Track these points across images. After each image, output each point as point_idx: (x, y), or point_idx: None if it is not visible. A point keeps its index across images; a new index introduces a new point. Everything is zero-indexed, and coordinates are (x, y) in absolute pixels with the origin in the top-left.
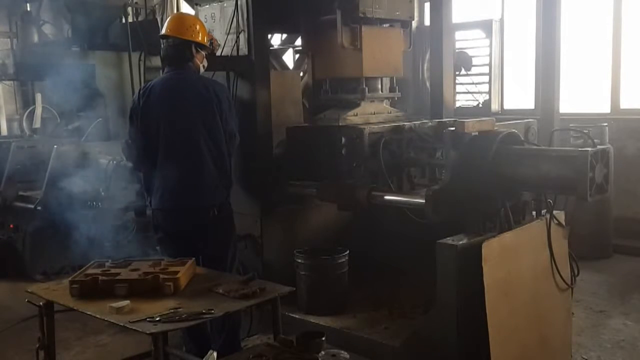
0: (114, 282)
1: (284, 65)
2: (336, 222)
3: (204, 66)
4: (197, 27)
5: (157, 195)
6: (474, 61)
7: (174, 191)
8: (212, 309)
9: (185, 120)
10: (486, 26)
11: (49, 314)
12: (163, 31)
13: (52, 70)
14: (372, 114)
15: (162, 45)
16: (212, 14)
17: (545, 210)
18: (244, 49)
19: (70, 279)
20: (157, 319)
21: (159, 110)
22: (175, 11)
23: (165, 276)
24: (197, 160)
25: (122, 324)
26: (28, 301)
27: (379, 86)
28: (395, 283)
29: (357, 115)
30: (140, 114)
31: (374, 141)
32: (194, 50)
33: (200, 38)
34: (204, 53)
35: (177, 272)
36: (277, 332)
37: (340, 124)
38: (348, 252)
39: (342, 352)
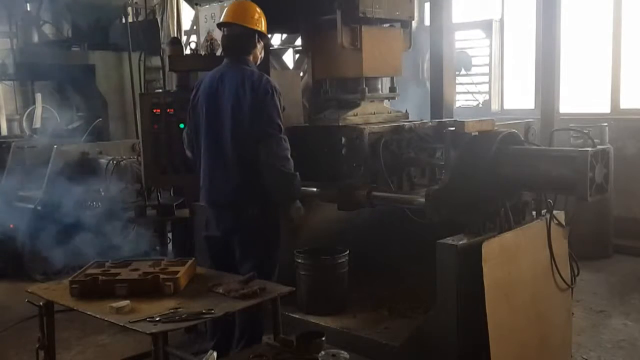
0: (114, 282)
1: (284, 65)
2: (336, 222)
3: (261, 57)
4: (258, 14)
5: (201, 189)
6: (474, 61)
7: (205, 188)
8: (212, 309)
9: (218, 118)
10: (486, 26)
11: (49, 314)
12: (223, 18)
13: (52, 70)
14: (372, 113)
15: (223, 34)
16: (212, 14)
17: (545, 210)
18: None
19: (70, 279)
20: (157, 319)
21: (202, 105)
22: (175, 11)
23: (165, 276)
24: (222, 158)
25: (122, 324)
26: (28, 301)
27: (379, 86)
28: (395, 283)
29: (357, 115)
30: (191, 107)
31: (374, 141)
32: (256, 39)
33: (262, 27)
34: (263, 43)
35: (177, 272)
36: (277, 332)
37: (340, 124)
38: (348, 252)
39: (342, 352)
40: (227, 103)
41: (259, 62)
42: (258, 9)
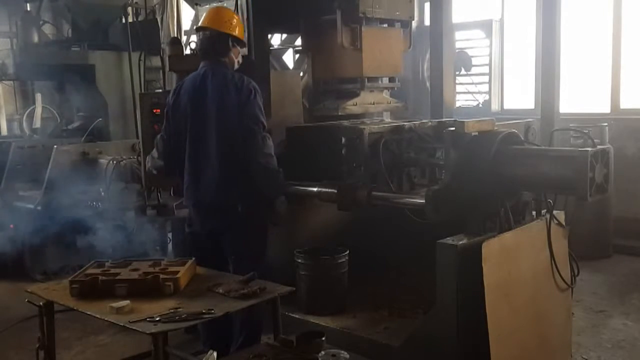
0: (114, 282)
1: (284, 65)
2: (336, 222)
3: (238, 62)
4: (234, 21)
5: (184, 190)
6: (474, 61)
7: (191, 189)
8: (212, 309)
9: (202, 119)
10: (486, 26)
11: (49, 314)
12: (200, 23)
13: (52, 70)
14: (371, 103)
15: (198, 38)
16: None
17: (545, 210)
18: (244, 49)
19: (70, 279)
20: (157, 319)
21: (186, 107)
22: (175, 11)
23: (165, 276)
24: (208, 158)
25: (122, 324)
26: (28, 301)
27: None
28: (395, 283)
29: (356, 104)
30: (171, 111)
31: (374, 141)
32: (230, 44)
33: (237, 32)
34: (239, 48)
35: (177, 272)
36: (277, 332)
37: (339, 113)
38: (348, 252)
39: (342, 352)
40: (211, 104)
41: (235, 66)
42: (235, 16)
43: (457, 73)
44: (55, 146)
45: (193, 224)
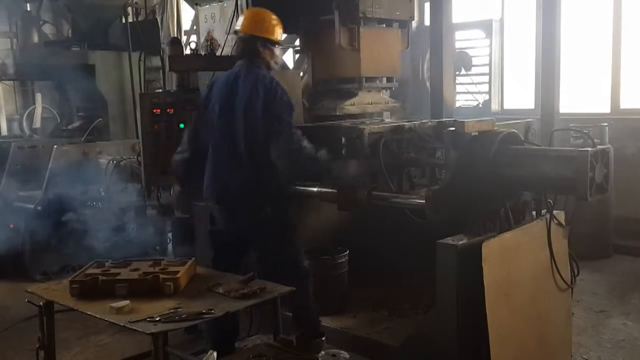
0: (114, 282)
1: (284, 65)
2: (336, 222)
3: (275, 62)
4: (267, 23)
5: (204, 187)
6: (474, 61)
7: (212, 185)
8: (212, 309)
9: (231, 118)
10: (486, 26)
11: (49, 314)
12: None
13: (52, 70)
14: (369, 104)
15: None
16: (212, 14)
17: (545, 210)
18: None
19: (70, 279)
20: (157, 319)
21: (216, 104)
22: (175, 11)
23: (165, 276)
24: (234, 157)
25: (122, 324)
26: (28, 301)
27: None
28: (395, 283)
29: (354, 104)
30: (203, 105)
31: (374, 141)
32: (258, 45)
33: (268, 34)
34: (274, 49)
35: (177, 272)
36: (277, 332)
37: (337, 113)
38: (348, 252)
39: (342, 352)
40: (240, 103)
41: (272, 66)
42: (271, 18)
43: (457, 73)
44: (55, 146)
45: (216, 222)
